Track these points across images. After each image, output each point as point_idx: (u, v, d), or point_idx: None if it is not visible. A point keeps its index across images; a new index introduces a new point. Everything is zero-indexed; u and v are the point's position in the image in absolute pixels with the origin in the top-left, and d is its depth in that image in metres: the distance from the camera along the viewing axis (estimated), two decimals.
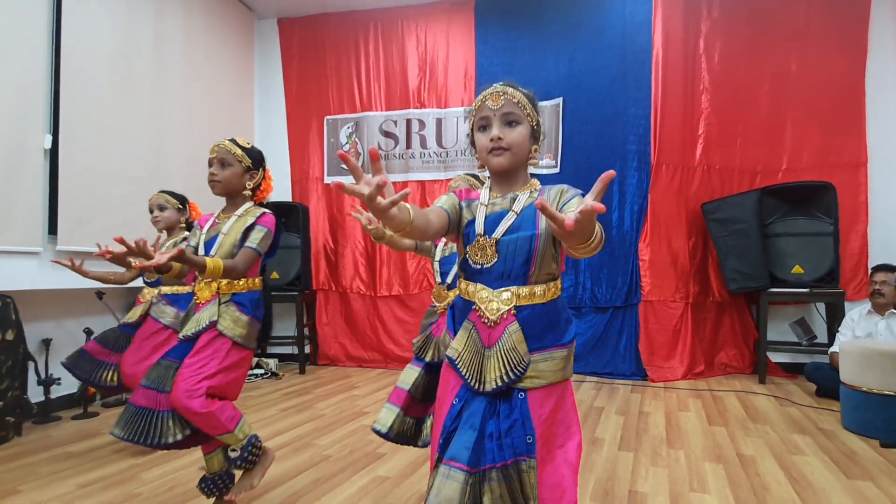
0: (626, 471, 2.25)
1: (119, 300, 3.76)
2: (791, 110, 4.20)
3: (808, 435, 2.71)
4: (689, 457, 2.41)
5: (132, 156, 3.63)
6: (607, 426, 2.90)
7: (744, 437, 2.68)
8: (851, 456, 2.41)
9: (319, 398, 3.59)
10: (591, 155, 4.35)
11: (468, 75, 4.66)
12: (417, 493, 2.04)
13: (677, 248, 4.19)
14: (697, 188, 4.25)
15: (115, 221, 3.48)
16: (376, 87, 4.85)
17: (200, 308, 1.80)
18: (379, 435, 1.84)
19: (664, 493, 2.03)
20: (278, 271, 4.56)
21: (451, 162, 4.68)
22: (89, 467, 2.34)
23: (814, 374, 3.55)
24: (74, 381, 3.32)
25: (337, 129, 4.95)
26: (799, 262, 3.87)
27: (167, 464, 2.37)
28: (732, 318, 4.30)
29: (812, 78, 4.16)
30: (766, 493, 2.01)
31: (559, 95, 4.43)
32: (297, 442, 2.66)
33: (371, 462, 2.37)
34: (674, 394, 3.61)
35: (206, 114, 4.40)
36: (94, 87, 3.34)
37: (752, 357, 4.22)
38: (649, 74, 4.19)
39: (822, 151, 4.15)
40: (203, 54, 4.37)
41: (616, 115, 4.29)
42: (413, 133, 4.76)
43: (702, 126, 4.27)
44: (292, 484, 2.13)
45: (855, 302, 3.89)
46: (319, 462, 2.37)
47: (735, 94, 4.25)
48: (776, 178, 4.19)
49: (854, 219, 4.04)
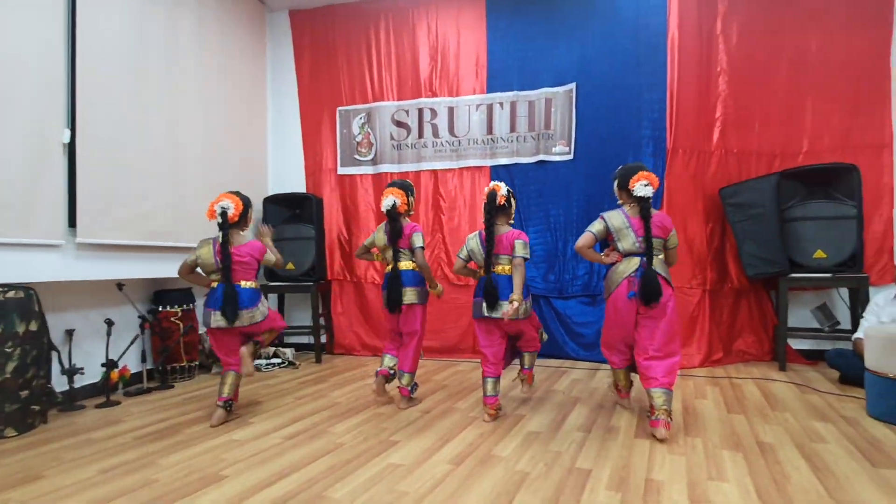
0: (642, 458, 2.20)
1: (139, 291, 3.80)
2: (812, 91, 4.05)
3: (831, 422, 2.62)
4: (707, 445, 2.35)
5: (148, 149, 3.65)
6: (623, 414, 2.85)
7: (763, 425, 2.60)
8: (876, 444, 2.32)
9: (334, 386, 3.59)
10: (605, 141, 4.26)
11: (480, 63, 4.58)
12: (431, 479, 2.02)
13: (694, 234, 4.08)
14: (714, 173, 4.13)
15: (133, 214, 3.51)
16: (388, 77, 4.80)
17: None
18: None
19: (681, 480, 1.97)
20: (293, 262, 4.57)
21: (464, 150, 4.62)
22: (111, 453, 2.37)
23: (836, 361, 3.44)
24: (97, 371, 3.38)
25: (349, 120, 4.92)
26: (820, 246, 3.74)
27: (185, 450, 2.39)
28: (751, 305, 4.19)
29: (833, 57, 4.00)
30: (787, 482, 1.95)
31: (572, 81, 4.33)
32: (312, 429, 2.66)
33: (385, 449, 2.35)
34: (691, 381, 3.54)
35: (220, 106, 4.41)
36: (110, 81, 3.35)
37: (770, 344, 4.12)
38: (664, 58, 4.07)
39: (844, 133, 4.00)
40: (216, 48, 4.36)
41: (630, 100, 4.19)
42: (425, 122, 4.71)
43: (719, 109, 4.14)
44: (308, 470, 2.13)
45: (879, 287, 3.76)
46: (334, 449, 2.37)
47: (753, 76, 4.11)
48: (796, 160, 4.06)
49: (878, 201, 3.89)
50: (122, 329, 3.57)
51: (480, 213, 4.55)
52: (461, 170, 4.64)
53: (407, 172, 4.75)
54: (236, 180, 4.63)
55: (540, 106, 4.42)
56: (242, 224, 2.98)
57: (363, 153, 4.88)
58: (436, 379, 3.75)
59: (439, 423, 2.74)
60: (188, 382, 3.82)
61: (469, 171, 4.62)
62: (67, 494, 1.96)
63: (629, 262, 2.62)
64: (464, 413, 2.91)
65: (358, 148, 4.90)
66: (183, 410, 3.08)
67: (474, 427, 2.66)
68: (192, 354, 3.92)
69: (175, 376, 3.81)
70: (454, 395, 3.30)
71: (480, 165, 4.58)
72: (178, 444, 2.47)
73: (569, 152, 4.36)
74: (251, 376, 3.16)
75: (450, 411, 2.95)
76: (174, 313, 3.81)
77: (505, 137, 4.52)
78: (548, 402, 3.11)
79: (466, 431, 2.59)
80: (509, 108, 4.50)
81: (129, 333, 3.59)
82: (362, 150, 4.89)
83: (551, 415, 2.85)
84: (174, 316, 3.80)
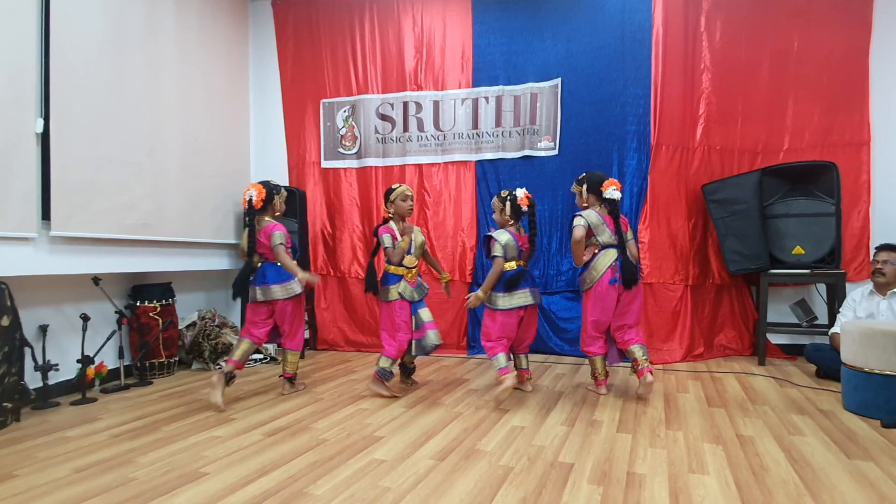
0: (624, 452, 2.22)
1: (116, 286, 3.73)
2: (793, 89, 4.11)
3: (808, 416, 2.67)
4: (688, 438, 2.38)
5: (127, 140, 3.57)
6: (605, 408, 2.87)
7: (743, 418, 2.64)
8: (851, 436, 2.37)
9: (318, 382, 3.57)
10: (589, 136, 4.28)
11: (465, 56, 4.56)
12: (414, 475, 2.01)
13: (677, 230, 4.13)
14: (697, 169, 4.18)
15: (111, 206, 3.44)
16: (372, 70, 4.76)
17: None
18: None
19: (663, 473, 2.00)
20: None
21: (449, 145, 4.60)
22: (86, 452, 2.32)
23: (814, 355, 3.51)
24: (73, 367, 3.30)
25: (333, 113, 4.87)
26: (800, 242, 3.81)
27: (164, 447, 2.35)
28: (732, 300, 4.25)
29: (815, 56, 4.06)
30: (766, 474, 1.98)
31: (557, 76, 4.34)
32: (295, 425, 2.64)
33: (368, 445, 2.34)
34: (673, 376, 3.58)
35: (200, 97, 4.33)
36: (86, 70, 3.26)
37: (751, 339, 4.19)
38: (649, 53, 4.10)
39: (824, 131, 4.07)
40: (196, 37, 4.28)
41: (615, 96, 4.21)
42: (410, 116, 4.67)
43: (702, 106, 4.18)
44: (289, 467, 2.11)
45: (856, 283, 3.84)
46: (317, 445, 2.35)
47: (736, 73, 4.16)
48: (777, 158, 4.12)
49: (856, 199, 3.97)
50: (99, 324, 3.50)
51: (465, 207, 4.57)
52: (446, 164, 4.62)
53: (391, 166, 4.72)
54: (218, 172, 4.57)
55: (525, 101, 4.42)
56: (268, 210, 3.18)
57: (347, 146, 4.84)
58: (421, 374, 3.74)
59: (423, 418, 2.74)
60: (167, 379, 3.76)
61: (454, 165, 4.60)
62: (41, 494, 1.92)
63: (607, 253, 3.03)
64: (448, 408, 2.91)
65: (342, 141, 4.85)
66: (162, 407, 3.03)
67: (459, 422, 2.66)
68: (172, 350, 3.86)
69: (154, 373, 3.75)
70: (439, 390, 3.29)
71: (465, 160, 4.56)
72: (156, 442, 2.43)
73: (554, 147, 4.37)
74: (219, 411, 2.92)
75: (434, 406, 2.95)
76: (153, 308, 3.74)
77: (490, 132, 4.52)
78: (532, 396, 3.13)
79: (451, 426, 2.59)
80: (495, 103, 4.50)
81: (105, 329, 3.52)
82: (346, 144, 4.84)
83: (535, 409, 2.86)
84: (153, 311, 3.74)
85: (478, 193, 4.54)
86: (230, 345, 4.19)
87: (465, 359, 4.29)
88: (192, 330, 4.15)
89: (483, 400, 3.06)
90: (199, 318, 4.25)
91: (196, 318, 4.25)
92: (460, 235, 4.55)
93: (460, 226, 4.56)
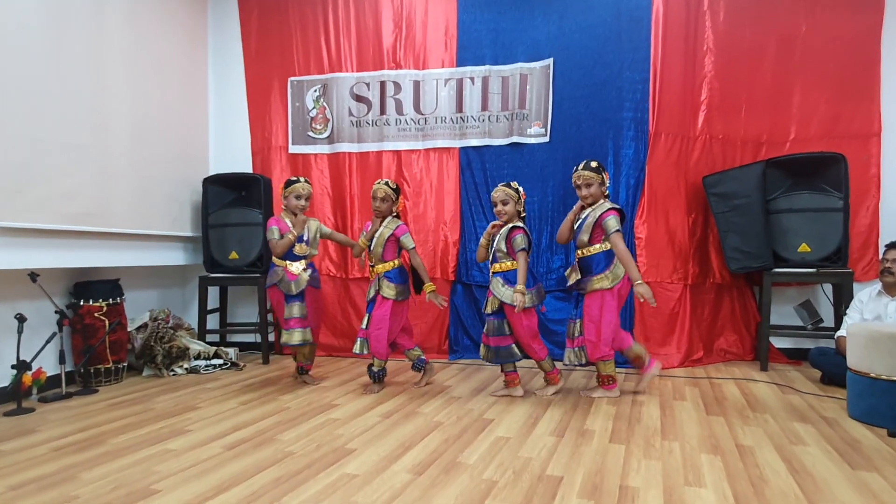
0: (616, 464, 2.26)
1: (57, 283, 3.66)
2: (800, 75, 4.20)
3: (811, 424, 2.76)
4: (685, 448, 2.44)
5: (69, 118, 3.51)
6: (597, 417, 2.92)
7: (742, 427, 2.71)
8: (856, 445, 2.45)
9: (284, 390, 3.56)
10: (583, 123, 4.32)
11: (449, 33, 4.56)
12: (389, 490, 2.02)
13: (676, 225, 4.20)
14: (698, 160, 4.25)
15: (53, 192, 3.38)
16: (346, 45, 4.73)
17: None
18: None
19: (657, 486, 2.04)
20: (237, 251, 4.48)
21: (431, 130, 4.61)
22: (23, 467, 2.29)
23: (818, 360, 3.61)
24: (7, 374, 3.24)
25: (303, 93, 4.83)
26: (805, 239, 3.89)
27: (112, 462, 2.33)
28: (733, 301, 4.35)
29: (823, 40, 4.16)
30: (765, 486, 2.04)
31: (549, 56, 4.37)
32: (258, 437, 2.63)
33: (339, 458, 2.35)
34: (669, 382, 3.65)
35: (152, 72, 4.27)
36: (21, 39, 3.18)
37: (753, 342, 4.29)
38: (648, 33, 4.15)
39: (832, 120, 4.17)
40: (148, 6, 4.20)
41: (611, 79, 4.25)
42: (388, 97, 4.66)
43: (704, 91, 4.25)
44: (251, 483, 2.11)
45: (864, 283, 3.95)
46: (282, 459, 2.35)
47: (740, 57, 4.23)
48: (783, 149, 4.21)
49: (864, 193, 4.08)
50: (37, 326, 3.43)
51: (448, 199, 4.58)
52: (427, 151, 4.62)
53: (367, 153, 4.71)
54: (172, 157, 4.51)
55: (514, 82, 4.44)
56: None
57: (318, 130, 4.81)
58: (398, 380, 3.75)
59: (400, 428, 2.75)
60: (115, 386, 3.72)
61: (436, 152, 4.61)
62: None
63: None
64: (427, 417, 2.93)
65: (312, 124, 4.82)
66: (109, 418, 2.99)
67: (439, 432, 2.68)
68: (120, 355, 3.81)
69: (100, 379, 3.70)
70: (417, 398, 3.31)
71: (449, 147, 4.57)
72: (102, 456, 2.41)
73: (545, 134, 4.40)
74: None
75: (412, 415, 2.97)
76: (98, 308, 3.68)
77: (476, 116, 4.53)
78: (518, 404, 3.16)
79: (430, 437, 2.61)
80: (481, 84, 4.51)
81: (44, 331, 3.44)
82: (317, 127, 4.81)
83: (521, 418, 2.89)
84: (98, 311, 3.68)
85: (462, 183, 4.56)
86: (185, 349, 4.15)
87: (445, 364, 4.31)
88: (142, 332, 4.10)
89: (465, 409, 3.08)
90: (150, 320, 4.19)
91: (147, 318, 4.19)
92: (442, 229, 4.57)
93: (442, 219, 4.58)
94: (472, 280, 4.51)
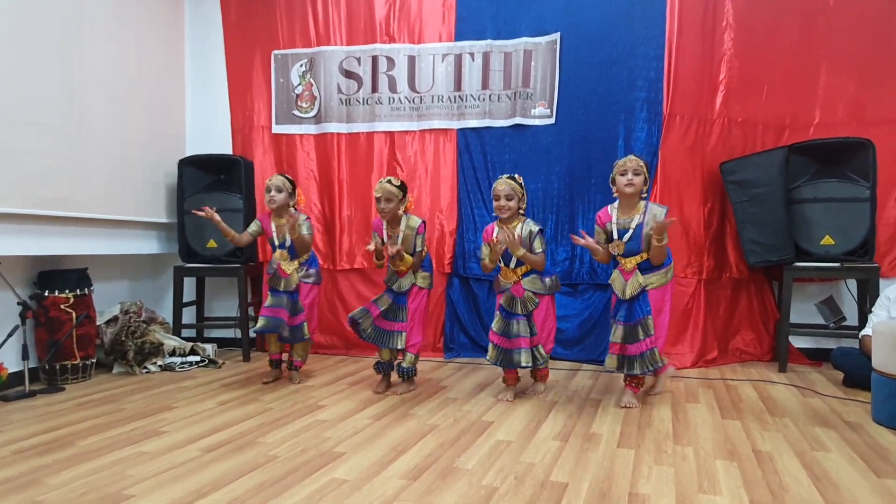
0: (625, 470, 2.27)
1: (20, 272, 3.63)
2: (826, 54, 4.19)
3: (833, 429, 2.77)
4: (699, 454, 2.45)
5: (39, 98, 3.51)
6: (605, 420, 2.93)
7: (760, 432, 2.73)
8: (881, 452, 2.47)
9: (266, 389, 3.55)
10: (591, 103, 4.31)
11: (447, 4, 4.53)
12: (381, 497, 2.03)
13: (691, 216, 4.20)
14: (716, 144, 4.25)
15: (24, 175, 3.39)
16: (335, 16, 4.69)
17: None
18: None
19: (669, 494, 2.05)
20: (216, 239, 4.46)
21: (427, 109, 4.59)
22: None
23: (841, 361, 3.63)
24: None
25: (287, 68, 4.80)
26: (829, 231, 3.90)
27: (80, 465, 2.32)
28: (751, 297, 4.37)
29: (851, 17, 4.15)
30: (785, 494, 2.05)
31: (555, 31, 4.34)
32: (238, 440, 2.63)
33: (327, 462, 2.35)
34: (682, 383, 3.67)
35: (128, 48, 4.28)
36: None
37: (771, 342, 4.31)
38: (663, 6, 4.13)
39: (860, 104, 4.17)
40: None
41: (622, 56, 4.24)
42: (380, 73, 4.64)
43: (723, 70, 4.24)
44: (231, 488, 2.10)
45: (891, 279, 3.97)
46: (265, 463, 2.35)
47: (762, 34, 4.22)
48: (807, 133, 4.21)
49: (893, 183, 4.09)
50: None
51: (445, 184, 4.57)
52: (423, 132, 4.61)
53: (357, 133, 4.68)
54: (146, 136, 4.49)
55: (518, 59, 4.42)
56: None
57: (304, 108, 4.78)
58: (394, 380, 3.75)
59: (392, 431, 2.76)
60: (83, 384, 3.71)
61: (432, 133, 4.59)
62: None
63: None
64: (422, 420, 2.93)
65: (297, 102, 4.79)
66: (77, 418, 2.98)
67: (434, 436, 2.68)
68: (88, 350, 3.80)
69: (66, 377, 3.69)
70: (410, 399, 3.31)
71: (446, 128, 4.56)
72: (70, 459, 2.40)
73: (550, 115, 4.39)
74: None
75: (405, 417, 2.97)
76: (65, 299, 3.66)
77: (475, 95, 4.51)
78: (519, 406, 3.17)
79: (424, 441, 2.61)
80: (481, 61, 4.49)
81: (6, 324, 3.43)
82: (303, 105, 4.78)
83: (523, 421, 2.90)
84: (65, 303, 3.66)
85: (459, 167, 4.54)
86: (159, 344, 4.14)
87: (441, 363, 4.32)
88: (112, 326, 4.09)
89: (462, 411, 3.09)
90: (121, 313, 4.18)
91: (118, 311, 4.18)
92: (439, 217, 4.56)
93: (438, 206, 4.57)
94: (469, 273, 4.51)
